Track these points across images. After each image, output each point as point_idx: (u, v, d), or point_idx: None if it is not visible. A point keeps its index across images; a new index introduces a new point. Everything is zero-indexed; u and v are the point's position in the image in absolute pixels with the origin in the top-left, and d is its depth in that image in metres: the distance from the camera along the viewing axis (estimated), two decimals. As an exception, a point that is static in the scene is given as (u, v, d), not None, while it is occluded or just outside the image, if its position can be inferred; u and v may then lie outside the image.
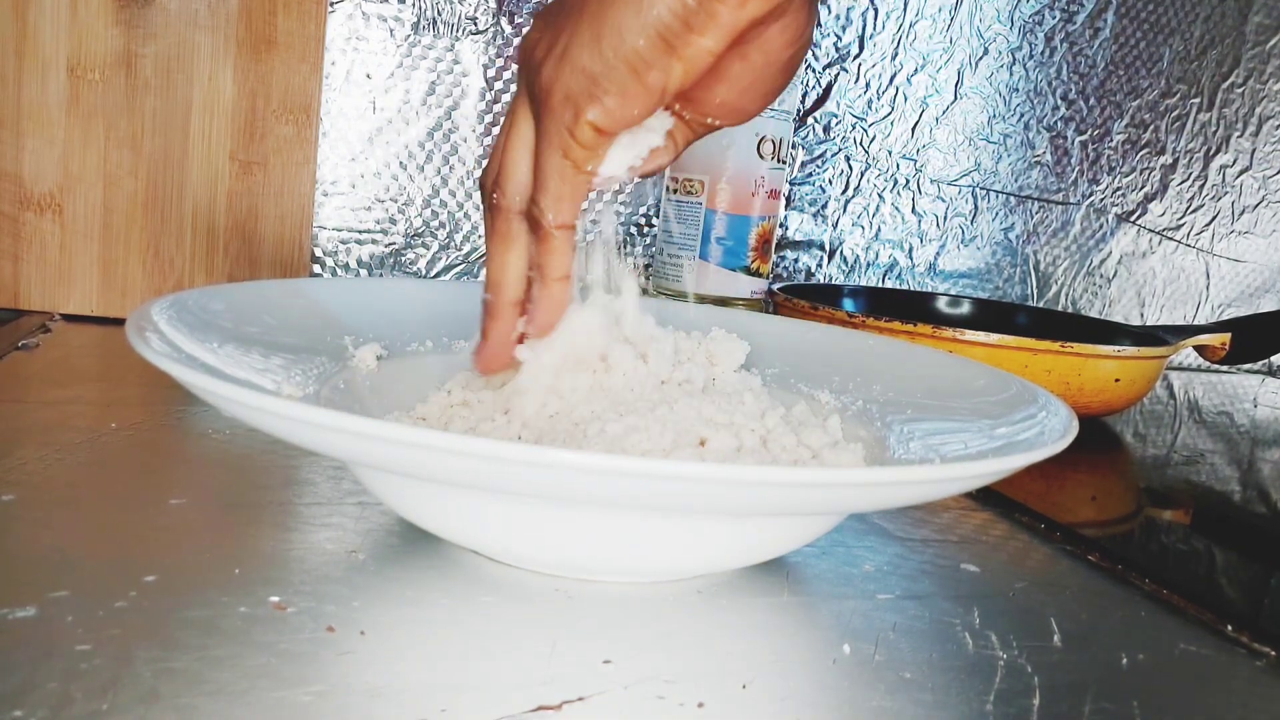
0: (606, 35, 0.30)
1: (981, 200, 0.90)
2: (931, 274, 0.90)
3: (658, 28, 0.30)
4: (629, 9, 0.30)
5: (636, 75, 0.30)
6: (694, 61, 0.31)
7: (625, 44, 0.30)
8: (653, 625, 0.29)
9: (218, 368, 0.31)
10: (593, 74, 0.31)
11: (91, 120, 0.61)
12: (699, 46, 0.30)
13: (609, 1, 0.30)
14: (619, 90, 0.31)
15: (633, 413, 0.33)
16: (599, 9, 0.30)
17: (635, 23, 0.30)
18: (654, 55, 0.30)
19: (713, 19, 0.30)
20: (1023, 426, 0.34)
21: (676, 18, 0.30)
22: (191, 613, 0.26)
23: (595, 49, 0.30)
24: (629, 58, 0.30)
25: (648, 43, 0.30)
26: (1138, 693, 0.29)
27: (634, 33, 0.30)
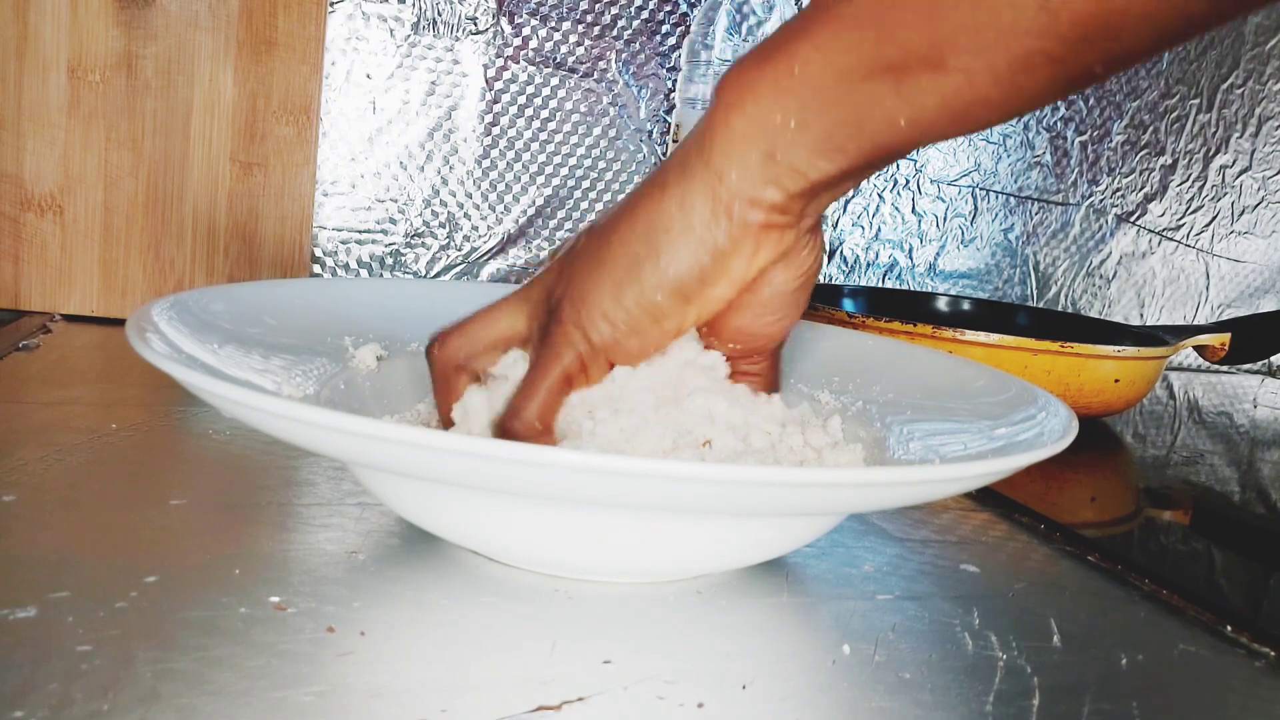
0: (629, 287, 0.32)
1: (981, 200, 0.90)
2: (931, 274, 0.90)
3: (676, 284, 0.32)
4: (648, 267, 0.32)
5: (656, 323, 0.32)
6: (707, 308, 0.33)
7: (645, 297, 0.32)
8: (653, 625, 0.29)
9: (218, 368, 0.31)
10: (614, 320, 0.32)
11: (92, 121, 0.61)
12: (713, 296, 0.32)
13: (630, 258, 0.32)
14: (639, 335, 0.33)
15: (633, 411, 0.33)
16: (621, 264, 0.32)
17: (654, 280, 0.32)
18: (673, 306, 0.32)
19: (726, 272, 0.32)
20: (1022, 427, 0.34)
21: (694, 275, 0.32)
22: (192, 613, 0.26)
23: (617, 299, 0.32)
24: (649, 309, 0.32)
25: (665, 298, 0.32)
26: (1138, 693, 0.29)
27: (653, 288, 0.32)
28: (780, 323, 0.35)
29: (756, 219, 0.31)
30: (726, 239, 0.32)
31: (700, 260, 0.32)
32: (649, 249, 0.32)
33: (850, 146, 0.30)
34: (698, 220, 0.32)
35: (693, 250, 0.32)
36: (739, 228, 0.31)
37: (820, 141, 0.30)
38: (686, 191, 0.32)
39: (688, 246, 0.32)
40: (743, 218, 0.31)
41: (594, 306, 0.33)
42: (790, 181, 0.31)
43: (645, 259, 0.32)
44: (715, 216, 0.31)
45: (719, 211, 0.31)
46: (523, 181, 0.74)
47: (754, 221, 0.31)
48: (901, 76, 0.28)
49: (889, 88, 0.28)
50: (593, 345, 0.33)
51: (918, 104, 0.28)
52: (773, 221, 0.32)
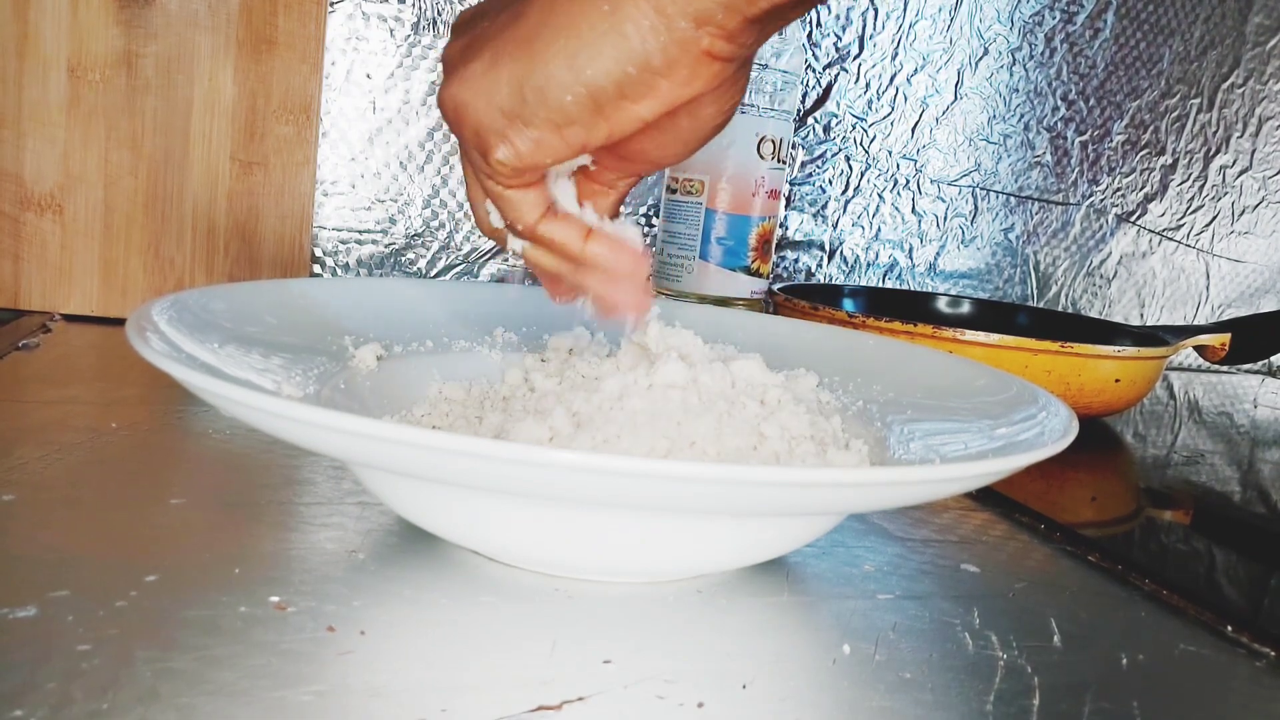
0: (532, 80, 0.28)
1: (981, 200, 0.90)
2: (931, 274, 0.90)
3: (590, 87, 0.28)
4: (561, 59, 0.28)
5: (556, 129, 0.29)
6: (621, 125, 0.29)
7: (550, 96, 0.28)
8: (653, 625, 0.29)
9: (218, 368, 0.31)
10: (509, 113, 0.29)
11: (92, 120, 0.61)
12: (630, 113, 0.29)
13: (537, 46, 0.28)
14: (533, 138, 0.29)
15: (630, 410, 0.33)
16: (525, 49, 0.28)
17: (566, 76, 0.28)
18: (580, 114, 0.28)
19: (652, 91, 0.28)
20: (1023, 427, 0.34)
21: (612, 82, 0.28)
22: (192, 612, 0.26)
23: (515, 90, 0.28)
24: (553, 109, 0.28)
25: (575, 101, 0.28)
26: (1138, 693, 0.29)
27: (562, 86, 0.28)
28: (682, 155, 0.32)
29: (702, 43, 0.28)
30: (661, 57, 0.28)
31: (624, 70, 0.28)
32: (567, 43, 0.28)
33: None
34: (631, 28, 0.27)
35: (619, 57, 0.28)
36: (678, 47, 0.28)
37: None
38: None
39: (613, 53, 0.28)
40: (684, 37, 0.27)
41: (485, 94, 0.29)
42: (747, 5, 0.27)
43: (560, 54, 0.28)
44: (654, 28, 0.27)
45: (660, 24, 0.27)
46: (523, 181, 0.74)
47: (699, 45, 0.28)
48: None
49: None
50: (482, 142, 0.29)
51: None
52: (717, 50, 0.28)
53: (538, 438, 0.31)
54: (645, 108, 0.29)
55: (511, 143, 0.29)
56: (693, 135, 0.31)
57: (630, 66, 0.28)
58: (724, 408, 0.34)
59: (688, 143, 0.32)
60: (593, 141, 0.30)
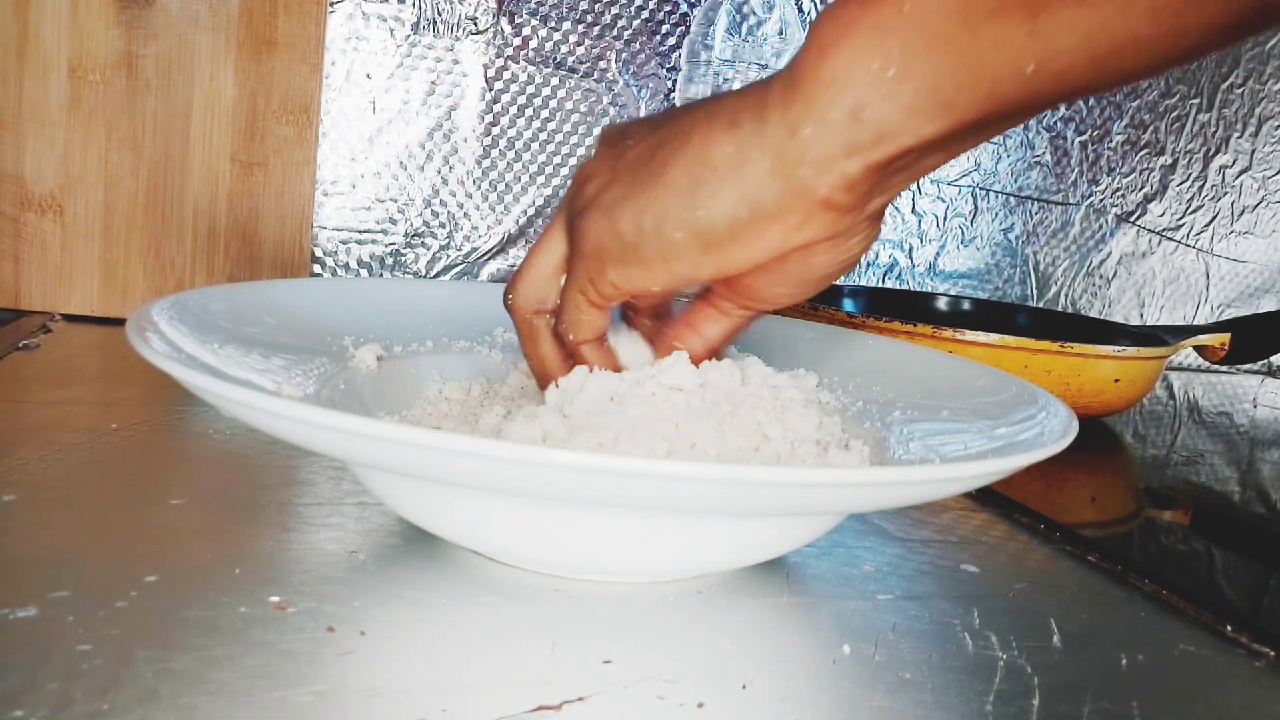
0: (650, 214, 0.29)
1: (981, 200, 0.90)
2: (931, 274, 0.90)
3: (701, 229, 0.29)
4: (678, 199, 0.29)
5: (665, 260, 0.30)
6: (728, 266, 0.30)
7: (664, 231, 0.29)
8: (653, 625, 0.29)
9: (218, 368, 0.31)
10: (626, 243, 0.30)
11: (92, 121, 0.61)
12: (737, 255, 0.29)
13: (663, 182, 0.29)
14: (644, 266, 0.30)
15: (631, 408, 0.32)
16: (653, 185, 0.29)
17: (681, 215, 0.29)
18: (689, 251, 0.29)
19: (761, 237, 0.29)
20: (1023, 427, 0.34)
21: (724, 226, 0.28)
22: (192, 613, 0.26)
23: (637, 220, 0.29)
24: (664, 244, 0.29)
25: (685, 238, 0.29)
26: (1138, 693, 0.29)
27: (675, 224, 0.29)
28: (793, 297, 0.32)
29: (819, 192, 0.27)
30: (775, 203, 0.28)
31: (738, 213, 0.28)
32: (688, 181, 0.28)
33: (960, 101, 0.25)
34: (751, 171, 0.28)
35: (734, 200, 0.28)
36: (794, 195, 0.28)
37: (923, 94, 0.25)
38: (751, 135, 0.28)
39: (730, 194, 0.28)
40: (802, 184, 0.27)
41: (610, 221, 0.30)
42: (872, 149, 0.26)
43: (679, 190, 0.28)
44: (772, 174, 0.27)
45: (778, 170, 0.27)
46: (523, 181, 0.74)
47: (815, 194, 0.27)
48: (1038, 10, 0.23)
49: (1020, 24, 0.24)
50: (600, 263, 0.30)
51: (1054, 45, 0.24)
52: (835, 200, 0.28)
53: (532, 439, 0.31)
54: (754, 251, 0.29)
55: (623, 269, 0.30)
56: (802, 280, 0.31)
57: (744, 209, 0.28)
58: (727, 409, 0.34)
59: (798, 285, 0.31)
60: (699, 277, 0.30)
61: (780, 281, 0.31)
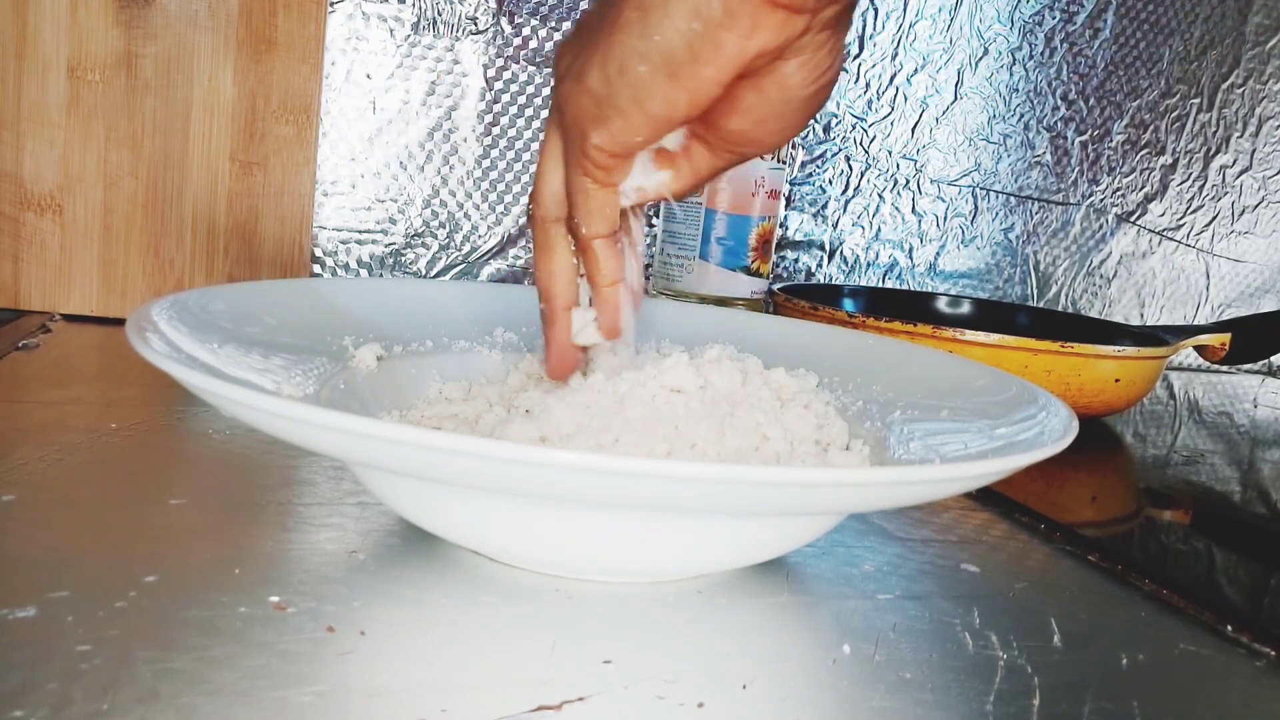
0: (613, 59, 0.30)
1: (981, 200, 0.90)
2: (931, 274, 0.90)
3: (661, 54, 0.29)
4: (634, 33, 0.29)
5: (638, 102, 0.30)
6: (698, 92, 0.30)
7: (628, 70, 0.29)
8: (653, 625, 0.29)
9: (218, 368, 0.31)
10: (598, 97, 0.30)
11: (91, 121, 0.61)
12: (702, 76, 0.29)
13: (618, 24, 0.29)
14: (621, 115, 0.30)
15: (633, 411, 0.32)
16: (610, 31, 0.30)
17: (639, 47, 0.29)
18: (656, 83, 0.29)
19: (718, 49, 0.29)
20: (1023, 427, 0.34)
21: (681, 45, 0.29)
22: (191, 613, 0.26)
23: (602, 72, 0.30)
24: (631, 84, 0.30)
25: (650, 70, 0.29)
26: (1138, 693, 0.29)
27: (636, 58, 0.29)
28: (783, 133, 0.32)
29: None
30: (721, 8, 0.28)
31: (690, 28, 0.28)
32: (639, 13, 0.29)
33: None
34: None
35: (684, 16, 0.28)
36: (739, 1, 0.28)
37: None
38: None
39: (679, 12, 0.28)
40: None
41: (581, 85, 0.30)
42: None
43: (633, 24, 0.29)
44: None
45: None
46: (523, 181, 0.74)
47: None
48: None
49: None
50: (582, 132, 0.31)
51: None
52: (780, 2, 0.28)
53: (531, 440, 0.31)
54: (716, 68, 0.29)
55: (605, 125, 0.30)
56: (787, 108, 0.31)
57: (695, 23, 0.28)
58: (727, 409, 0.34)
59: (784, 117, 0.31)
60: (676, 113, 0.30)
61: (764, 116, 0.31)
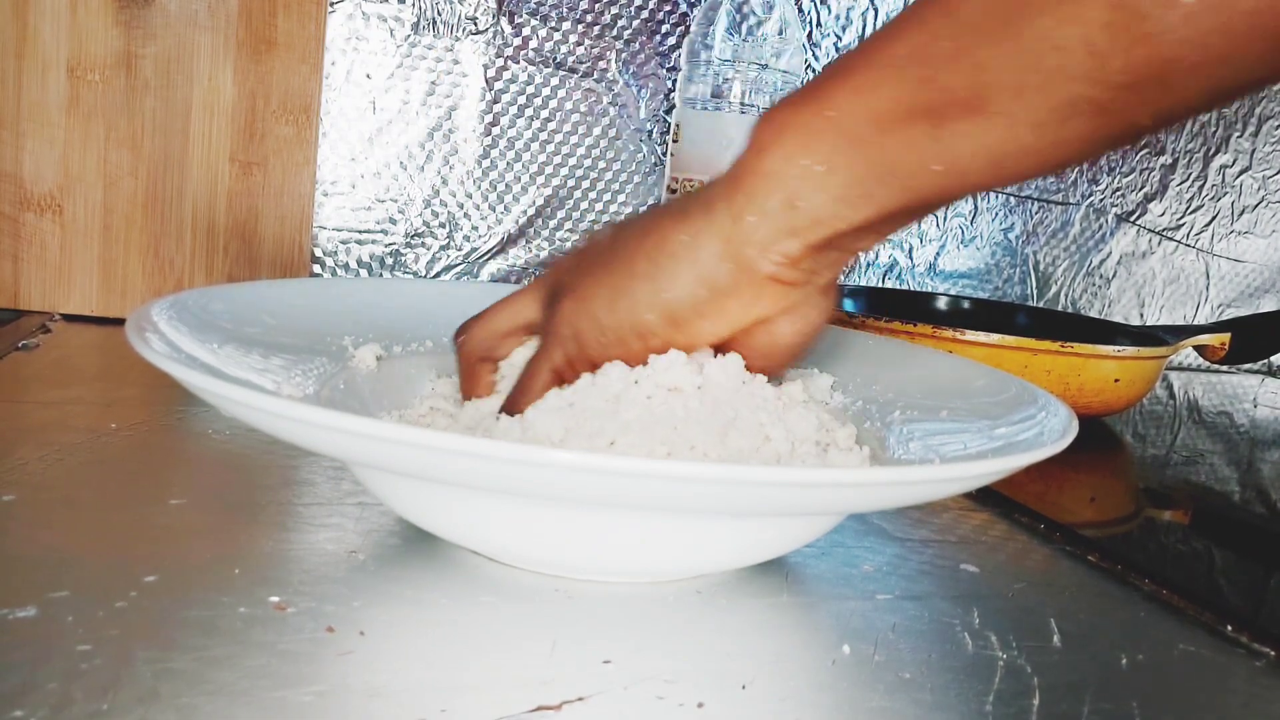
0: (622, 300, 0.33)
1: (981, 200, 0.90)
2: (931, 274, 0.90)
3: (668, 309, 0.32)
4: (647, 285, 0.32)
5: (641, 339, 0.33)
6: (696, 339, 0.33)
7: (636, 313, 0.32)
8: (653, 625, 0.29)
9: (218, 368, 0.31)
10: (602, 326, 0.33)
11: (91, 121, 0.61)
12: (702, 329, 0.33)
13: (633, 273, 0.33)
14: (621, 345, 0.33)
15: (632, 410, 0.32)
16: (624, 275, 0.33)
17: (648, 299, 0.32)
18: (660, 328, 0.32)
19: (721, 312, 0.32)
20: (1022, 427, 0.34)
21: (688, 304, 0.32)
22: (191, 613, 0.26)
23: (611, 307, 0.33)
24: (637, 325, 0.33)
25: (656, 318, 0.32)
26: (1138, 693, 0.29)
27: (644, 306, 0.32)
28: (770, 369, 0.35)
29: (764, 269, 0.31)
30: (729, 281, 0.32)
31: (698, 293, 0.32)
32: (651, 268, 0.32)
33: (879, 193, 0.29)
34: (705, 255, 0.32)
35: (693, 282, 0.32)
36: (743, 273, 0.31)
37: (847, 187, 0.29)
38: (703, 225, 0.32)
39: (689, 276, 0.32)
40: (750, 264, 0.31)
41: (587, 308, 0.33)
42: (808, 232, 0.30)
43: (645, 276, 0.32)
44: (723, 257, 0.31)
45: (728, 253, 0.31)
46: (523, 181, 0.74)
47: (761, 271, 0.31)
48: (940, 120, 0.27)
49: (925, 131, 0.28)
50: (580, 345, 0.33)
51: (955, 150, 0.27)
52: (781, 275, 0.31)
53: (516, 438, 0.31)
54: (716, 325, 0.33)
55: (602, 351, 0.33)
56: (773, 351, 0.34)
57: (703, 289, 0.32)
58: (727, 410, 0.34)
59: (769, 357, 0.34)
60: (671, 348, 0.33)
61: (751, 354, 0.34)
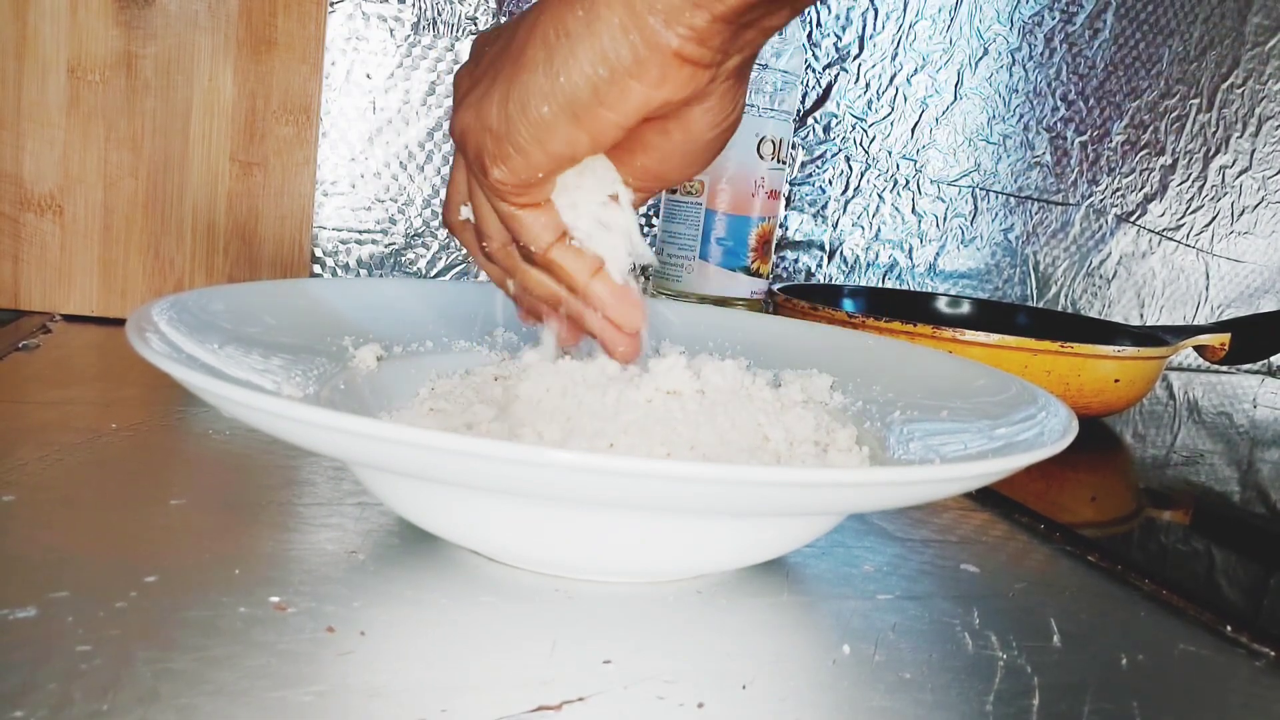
0: (514, 95, 0.29)
1: (981, 201, 0.90)
2: (931, 274, 0.90)
3: (565, 97, 0.29)
4: (538, 72, 0.29)
5: (539, 141, 0.29)
6: (601, 135, 0.30)
7: (530, 108, 0.29)
8: (653, 625, 0.29)
9: (218, 368, 0.31)
10: (496, 134, 0.29)
11: (91, 121, 0.61)
12: (606, 120, 0.29)
13: (522, 62, 0.29)
14: (521, 153, 0.30)
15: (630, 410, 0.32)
16: (514, 67, 0.29)
17: (544, 87, 0.29)
18: (559, 124, 0.29)
19: (624, 96, 0.29)
20: (1022, 427, 0.34)
21: (586, 89, 0.28)
22: (192, 613, 0.26)
23: (502, 109, 0.29)
24: (533, 123, 0.29)
25: (553, 111, 0.29)
26: (1138, 693, 0.29)
27: (540, 98, 0.29)
28: (687, 170, 0.32)
29: (671, 43, 0.28)
30: (631, 56, 0.28)
31: (597, 73, 0.28)
32: (545, 52, 0.28)
33: None
34: (603, 28, 0.28)
35: (591, 60, 0.28)
36: (648, 47, 0.28)
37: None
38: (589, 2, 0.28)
39: (587, 55, 0.28)
40: (655, 37, 0.28)
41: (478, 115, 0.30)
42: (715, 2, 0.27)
43: (538, 63, 0.28)
44: (624, 28, 0.28)
45: (629, 23, 0.27)
46: (523, 181, 0.74)
47: (667, 45, 0.28)
48: None
49: None
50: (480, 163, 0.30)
51: None
52: (688, 52, 0.28)
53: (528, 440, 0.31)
54: (621, 113, 0.29)
55: (504, 161, 0.30)
56: (691, 149, 0.31)
57: (602, 68, 0.28)
58: (726, 411, 0.34)
59: (686, 156, 0.32)
60: (577, 153, 0.30)
61: (671, 155, 0.31)
